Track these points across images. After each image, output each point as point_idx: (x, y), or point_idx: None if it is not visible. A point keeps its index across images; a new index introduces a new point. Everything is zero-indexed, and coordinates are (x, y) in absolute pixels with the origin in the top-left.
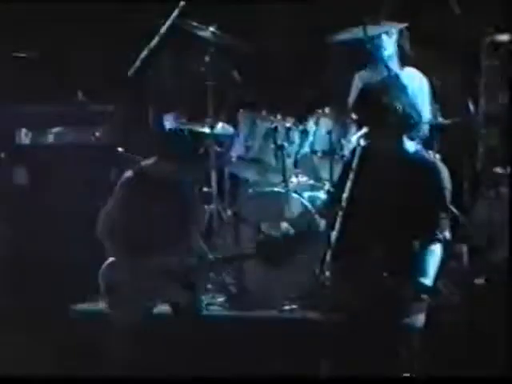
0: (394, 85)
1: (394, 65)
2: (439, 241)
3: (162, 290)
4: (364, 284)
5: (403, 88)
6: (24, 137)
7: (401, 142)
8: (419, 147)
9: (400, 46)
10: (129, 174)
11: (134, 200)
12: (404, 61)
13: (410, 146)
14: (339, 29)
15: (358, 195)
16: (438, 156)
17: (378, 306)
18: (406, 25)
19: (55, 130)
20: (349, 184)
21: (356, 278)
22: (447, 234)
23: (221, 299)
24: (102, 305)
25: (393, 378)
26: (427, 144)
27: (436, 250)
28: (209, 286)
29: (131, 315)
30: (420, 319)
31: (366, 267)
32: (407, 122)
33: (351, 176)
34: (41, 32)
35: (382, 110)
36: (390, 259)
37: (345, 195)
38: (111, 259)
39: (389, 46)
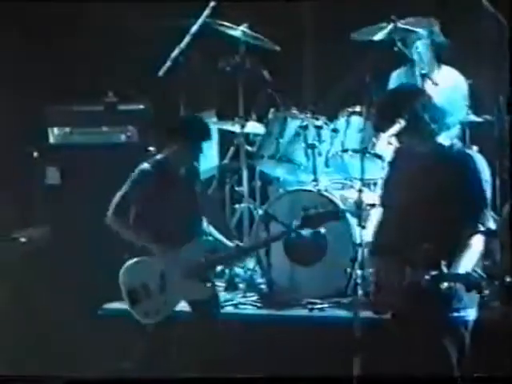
0: (426, 84)
1: (428, 63)
2: (483, 234)
3: (179, 286)
4: (406, 282)
5: (435, 87)
6: (57, 136)
7: (434, 138)
8: (455, 140)
9: (433, 45)
10: (144, 166)
11: (151, 192)
12: (438, 59)
13: (445, 140)
14: (370, 27)
15: (397, 193)
16: (474, 148)
17: (422, 304)
18: (438, 22)
19: (87, 129)
20: (386, 182)
21: (397, 276)
22: (491, 225)
23: (252, 298)
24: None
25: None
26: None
27: (479, 243)
28: (240, 285)
29: (155, 314)
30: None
31: (408, 265)
32: (438, 122)
33: (387, 175)
34: (72, 32)
35: (413, 110)
36: (434, 255)
37: (382, 193)
38: (128, 263)
39: (421, 44)
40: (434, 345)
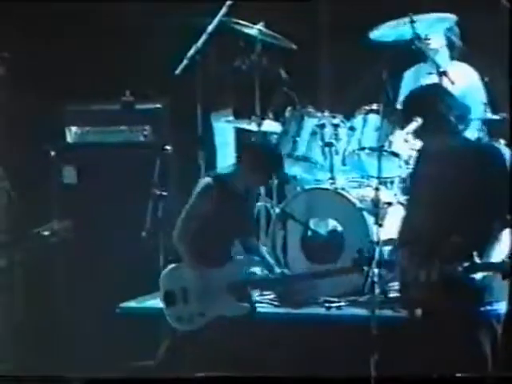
0: (443, 82)
1: (444, 61)
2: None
3: (218, 300)
4: (435, 276)
5: (452, 85)
6: (74, 135)
7: (460, 133)
8: (481, 134)
9: (450, 42)
10: (207, 181)
11: (209, 208)
12: (454, 56)
13: (471, 133)
14: (387, 24)
15: (425, 188)
16: (501, 141)
17: (452, 299)
18: (455, 19)
19: (104, 128)
20: (413, 177)
21: (426, 271)
22: None
23: (269, 296)
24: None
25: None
26: None
27: (508, 236)
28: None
29: (188, 323)
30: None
31: (437, 259)
32: (463, 118)
33: (415, 170)
34: (89, 31)
35: (433, 111)
36: (463, 248)
37: (410, 188)
38: (172, 265)
39: (437, 41)
40: (465, 340)
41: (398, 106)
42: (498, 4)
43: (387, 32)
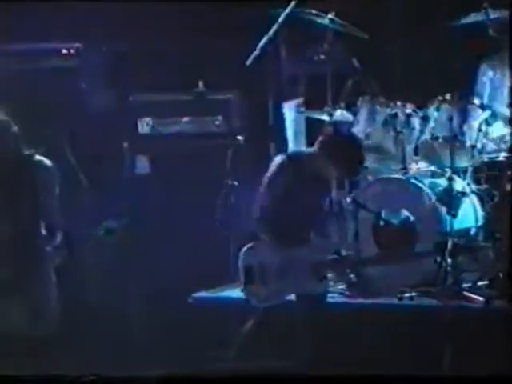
0: None
1: None
2: None
3: (296, 279)
4: None
5: None
6: (146, 126)
7: None
8: None
9: None
10: (282, 158)
11: (283, 186)
12: None
13: None
14: (462, 12)
15: None
16: None
17: None
18: None
19: (177, 119)
20: None
21: None
22: None
23: (341, 287)
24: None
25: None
26: None
27: None
28: (328, 274)
29: (266, 299)
30: None
31: None
32: None
33: None
34: (163, 24)
35: None
36: None
37: None
38: (252, 243)
39: None
40: None
41: None
42: None
43: (461, 21)
